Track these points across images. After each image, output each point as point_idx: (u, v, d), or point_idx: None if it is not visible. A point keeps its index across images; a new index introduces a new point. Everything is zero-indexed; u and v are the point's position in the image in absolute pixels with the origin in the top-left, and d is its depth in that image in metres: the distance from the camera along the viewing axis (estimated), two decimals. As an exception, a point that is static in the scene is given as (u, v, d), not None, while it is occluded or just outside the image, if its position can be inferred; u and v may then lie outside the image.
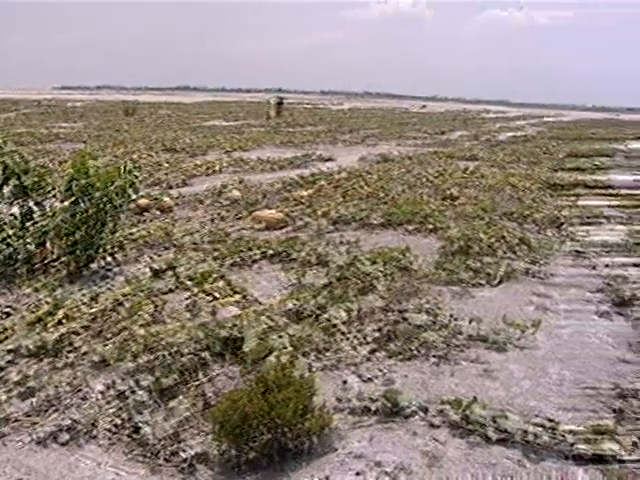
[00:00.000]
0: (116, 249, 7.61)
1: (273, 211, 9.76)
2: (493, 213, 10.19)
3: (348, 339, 5.27)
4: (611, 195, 13.47)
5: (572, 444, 3.88)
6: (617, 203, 12.40)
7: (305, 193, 11.32)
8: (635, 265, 7.92)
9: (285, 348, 4.89)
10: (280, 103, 38.02)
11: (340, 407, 4.32)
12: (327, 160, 16.99)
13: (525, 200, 11.69)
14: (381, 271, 6.85)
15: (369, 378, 4.72)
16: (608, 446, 3.87)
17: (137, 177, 7.43)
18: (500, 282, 6.94)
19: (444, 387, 4.62)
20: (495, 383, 4.70)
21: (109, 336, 5.24)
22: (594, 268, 7.70)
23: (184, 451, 3.88)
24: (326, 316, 5.56)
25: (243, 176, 13.57)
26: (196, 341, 4.94)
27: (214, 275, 6.64)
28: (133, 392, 4.38)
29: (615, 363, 5.12)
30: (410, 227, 9.12)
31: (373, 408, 4.27)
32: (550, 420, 4.13)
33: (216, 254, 7.42)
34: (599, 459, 3.78)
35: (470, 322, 5.62)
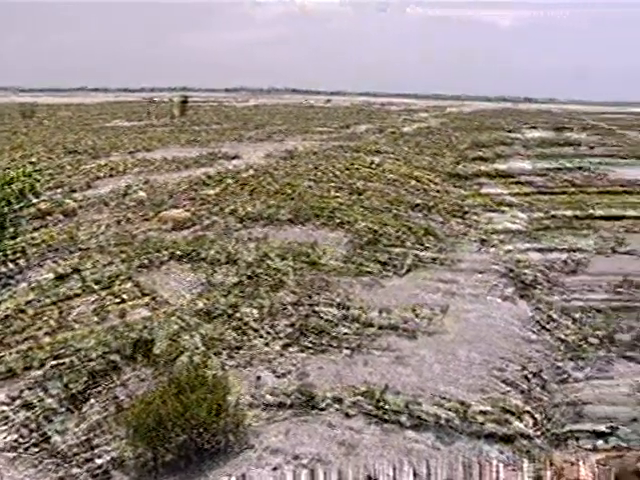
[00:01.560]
0: (18, 254, 7.37)
1: (180, 211, 9.63)
2: (399, 205, 10.35)
3: (261, 336, 5.27)
4: (512, 183, 13.91)
5: (482, 424, 3.99)
6: (517, 191, 12.82)
7: (212, 192, 11.23)
8: (536, 250, 8.20)
9: (197, 348, 4.85)
10: (184, 102, 37.58)
11: (255, 403, 4.31)
12: (233, 158, 16.85)
13: (430, 191, 11.94)
14: (291, 266, 6.87)
15: (283, 373, 4.72)
16: (516, 424, 4.00)
17: (38, 180, 7.22)
18: (408, 271, 7.07)
19: (358, 377, 4.66)
20: (407, 369, 4.78)
21: (13, 345, 5.08)
22: (498, 254, 7.93)
23: (99, 457, 3.80)
24: (238, 314, 5.55)
25: (148, 176, 13.33)
26: (105, 345, 4.85)
27: (122, 277, 6.53)
28: (41, 400, 4.26)
29: (520, 344, 5.29)
30: (318, 222, 9.15)
31: (288, 402, 4.29)
32: (461, 403, 4.23)
33: (123, 256, 7.27)
34: (509, 437, 3.90)
35: (380, 312, 5.71)
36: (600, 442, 3.89)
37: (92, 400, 4.32)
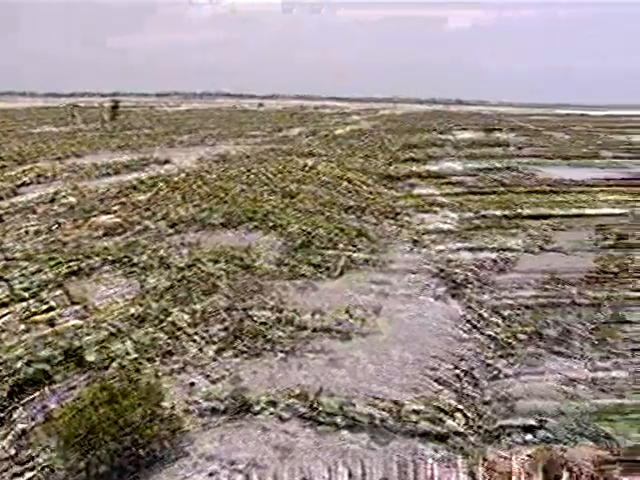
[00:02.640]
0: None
1: (111, 216, 9.51)
2: (332, 207, 10.41)
3: (194, 341, 5.23)
4: (443, 184, 14.14)
5: (416, 423, 4.04)
6: (448, 191, 13.03)
7: (143, 197, 11.11)
8: (467, 250, 8.34)
9: (129, 354, 4.79)
10: (115, 107, 37.13)
11: (189, 409, 4.27)
12: (165, 162, 16.72)
13: (362, 193, 12.03)
14: (224, 270, 6.84)
15: (217, 378, 4.69)
16: (449, 423, 4.06)
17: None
18: (341, 273, 7.11)
19: (292, 380, 4.66)
20: (341, 371, 4.80)
21: None
22: (429, 254, 8.04)
23: (30, 470, 3.70)
24: (170, 319, 5.50)
25: (78, 182, 13.11)
26: (34, 354, 4.74)
27: (51, 285, 6.40)
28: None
29: (452, 343, 5.37)
30: (251, 225, 9.15)
31: (222, 408, 4.26)
32: (394, 402, 4.27)
33: (52, 263, 7.13)
34: (442, 436, 3.95)
35: (314, 315, 5.73)
36: (529, 436, 3.97)
37: (21, 410, 4.21)
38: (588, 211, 11.26)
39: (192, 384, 4.60)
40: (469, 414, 4.19)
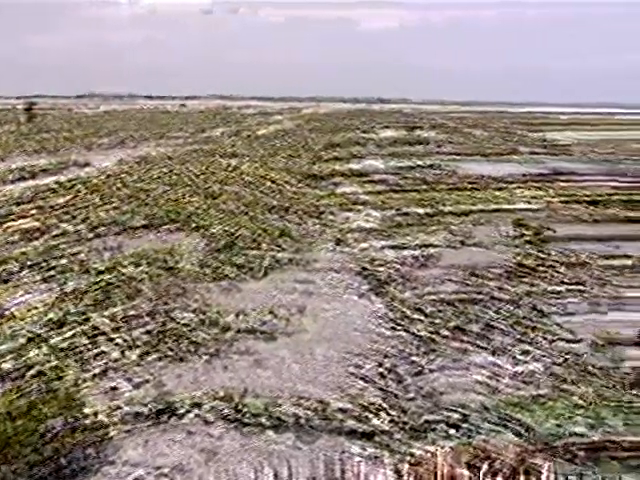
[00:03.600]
0: None
1: (28, 220, 9.28)
2: (255, 208, 10.39)
3: (116, 345, 5.13)
4: (366, 182, 14.26)
5: (342, 422, 4.05)
6: (371, 189, 13.15)
7: (62, 200, 10.88)
8: (390, 248, 8.43)
9: (48, 361, 4.67)
10: (29, 109, 36.25)
11: (112, 415, 4.19)
12: (84, 165, 16.41)
13: (286, 193, 12.04)
14: (146, 273, 6.75)
15: (140, 382, 4.61)
16: (375, 420, 4.09)
17: None
18: (265, 273, 7.09)
19: (216, 382, 4.62)
20: (266, 371, 4.79)
21: None
22: (353, 253, 8.09)
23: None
24: (91, 323, 5.39)
25: (-8, 186, 12.74)
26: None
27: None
28: None
29: (376, 340, 5.41)
30: (173, 227, 9.07)
31: (146, 412, 4.19)
32: (320, 401, 4.28)
33: (-35, 270, 6.91)
34: (369, 434, 3.97)
35: (237, 316, 5.70)
36: (453, 431, 4.03)
37: None
38: (506, 206, 11.53)
39: (114, 389, 4.52)
40: (394, 411, 4.23)
